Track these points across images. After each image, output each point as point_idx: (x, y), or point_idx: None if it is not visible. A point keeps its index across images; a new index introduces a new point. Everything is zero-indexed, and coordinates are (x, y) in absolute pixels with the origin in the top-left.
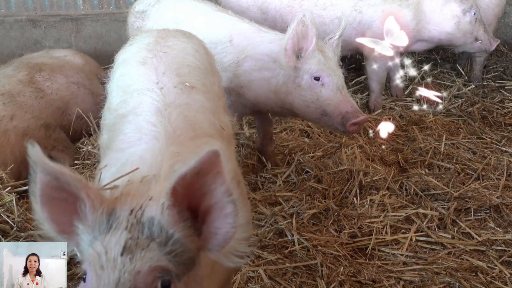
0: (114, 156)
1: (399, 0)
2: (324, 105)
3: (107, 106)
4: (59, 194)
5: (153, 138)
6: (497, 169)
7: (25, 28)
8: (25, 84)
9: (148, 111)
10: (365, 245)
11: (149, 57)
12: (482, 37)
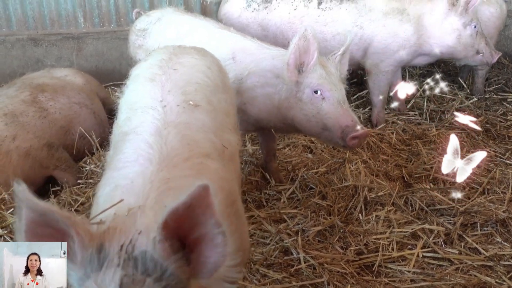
0: (110, 175)
1: (400, 15)
2: (324, 119)
3: (116, 121)
4: (45, 231)
5: (147, 160)
6: (502, 183)
7: (27, 47)
8: (29, 104)
9: (148, 131)
10: (371, 262)
11: (159, 74)
12: (484, 50)
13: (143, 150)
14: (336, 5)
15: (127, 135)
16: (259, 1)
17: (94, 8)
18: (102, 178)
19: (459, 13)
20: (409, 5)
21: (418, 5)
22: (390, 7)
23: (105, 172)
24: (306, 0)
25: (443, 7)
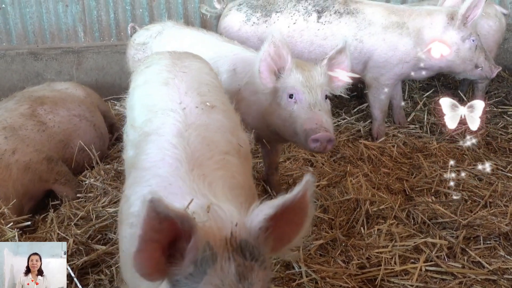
0: (138, 174)
1: (400, 29)
2: (294, 122)
3: (130, 123)
4: (158, 236)
5: (175, 160)
6: (505, 196)
7: (27, 61)
8: (27, 118)
9: (170, 133)
10: (374, 276)
11: (171, 77)
12: (483, 64)
13: (169, 151)
14: (335, 19)
15: (148, 135)
16: (258, 15)
17: (94, 22)
18: (129, 178)
19: (457, 27)
20: (408, 18)
21: (418, 18)
22: (389, 21)
23: (131, 172)
24: (305, 14)
25: (442, 21)
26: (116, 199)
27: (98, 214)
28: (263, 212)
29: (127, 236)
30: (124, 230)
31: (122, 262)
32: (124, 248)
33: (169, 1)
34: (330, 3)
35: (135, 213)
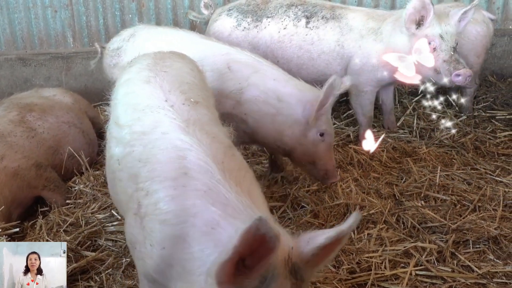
0: (156, 167)
1: (374, 35)
2: (316, 157)
3: (114, 120)
4: (246, 251)
5: (201, 161)
6: (493, 200)
7: (15, 67)
8: (16, 124)
9: (174, 130)
10: (364, 280)
11: (152, 76)
12: (440, 67)
13: (183, 146)
14: (322, 24)
15: (146, 134)
16: (249, 20)
17: (84, 28)
18: (140, 175)
19: (407, 30)
20: (383, 24)
21: (390, 23)
22: (366, 27)
23: (136, 167)
24: (295, 19)
25: (399, 25)
26: (106, 205)
27: (87, 221)
28: (317, 241)
29: (157, 231)
30: (152, 225)
31: (146, 255)
32: (154, 242)
33: (159, 6)
34: (319, 9)
35: (167, 209)
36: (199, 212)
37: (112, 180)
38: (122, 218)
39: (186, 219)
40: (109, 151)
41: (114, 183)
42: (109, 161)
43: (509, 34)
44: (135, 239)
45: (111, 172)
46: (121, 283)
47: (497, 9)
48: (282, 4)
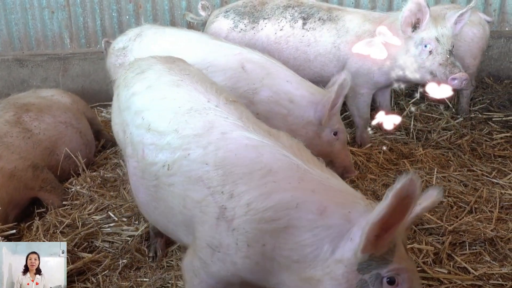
0: (233, 171)
1: (370, 37)
2: (333, 156)
3: (144, 128)
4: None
5: (275, 148)
6: (490, 202)
7: (12, 68)
8: (12, 125)
9: (232, 129)
10: None
11: (179, 79)
12: (437, 71)
13: (258, 145)
14: (319, 26)
15: (201, 136)
16: (246, 22)
17: (81, 29)
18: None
19: (403, 33)
20: (379, 25)
21: (386, 26)
22: (362, 29)
23: (214, 175)
24: (292, 21)
25: (395, 29)
26: (103, 206)
27: (84, 222)
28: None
29: (255, 230)
30: (247, 226)
31: (238, 257)
32: (252, 241)
33: (156, 8)
34: (316, 10)
35: (264, 207)
36: (301, 203)
37: (152, 187)
38: (119, 220)
39: (288, 212)
40: (144, 159)
41: (157, 189)
42: (147, 168)
43: (505, 36)
44: (219, 242)
45: (152, 179)
46: (118, 285)
47: (494, 11)
48: (279, 6)
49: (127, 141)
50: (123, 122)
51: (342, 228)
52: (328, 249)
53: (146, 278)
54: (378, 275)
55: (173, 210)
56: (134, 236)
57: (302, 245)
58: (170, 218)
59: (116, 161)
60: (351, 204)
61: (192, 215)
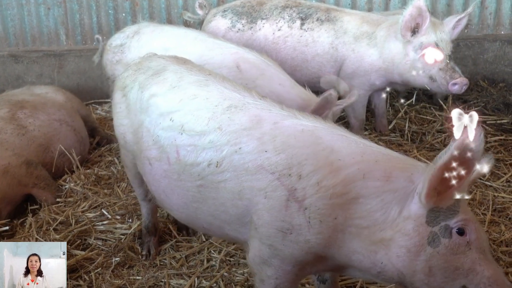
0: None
1: (368, 39)
2: None
3: (176, 128)
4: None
5: (330, 130)
6: (483, 204)
7: (7, 64)
8: (7, 121)
9: (283, 119)
10: (353, 283)
11: (204, 79)
12: (436, 76)
13: (314, 130)
14: (317, 26)
15: (251, 129)
16: (244, 22)
17: (77, 25)
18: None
19: (403, 38)
20: (377, 28)
21: (384, 28)
22: (360, 31)
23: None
24: (290, 21)
25: (393, 32)
26: (96, 204)
27: (77, 219)
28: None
29: (327, 206)
30: (319, 203)
31: (312, 234)
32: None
33: (152, 6)
34: (314, 11)
35: (334, 183)
36: (368, 173)
37: (195, 187)
38: (113, 217)
39: (355, 184)
40: (181, 161)
41: (202, 189)
42: (187, 169)
43: (501, 40)
44: (290, 224)
45: (194, 180)
46: (110, 283)
47: (490, 15)
48: (277, 6)
49: (146, 144)
50: (134, 124)
51: (407, 190)
52: (396, 210)
53: (139, 276)
54: (447, 226)
55: (223, 206)
56: (127, 234)
57: (371, 211)
58: (218, 215)
59: (110, 159)
60: (412, 167)
61: (249, 205)
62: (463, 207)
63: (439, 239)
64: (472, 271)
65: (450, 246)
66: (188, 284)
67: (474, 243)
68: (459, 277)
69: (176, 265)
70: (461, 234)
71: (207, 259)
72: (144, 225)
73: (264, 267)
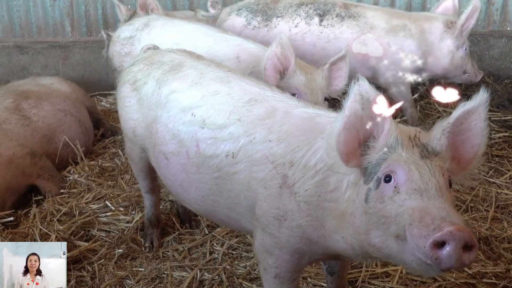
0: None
1: (403, 31)
2: None
3: (197, 123)
4: (358, 123)
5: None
6: (486, 201)
7: (12, 55)
8: (11, 112)
9: (293, 108)
10: (355, 278)
11: (225, 75)
12: (470, 70)
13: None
14: (338, 22)
15: (266, 119)
16: (259, 19)
17: (82, 17)
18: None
19: (456, 36)
20: (409, 21)
21: (418, 21)
22: (391, 24)
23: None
24: (307, 18)
25: (439, 28)
26: (100, 195)
27: (81, 211)
28: (443, 121)
29: (311, 186)
30: (305, 185)
31: (301, 217)
32: (309, 199)
33: None
34: (331, 7)
35: (316, 162)
36: None
37: (212, 180)
38: (116, 209)
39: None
40: (201, 154)
41: (219, 181)
42: (206, 162)
43: (507, 36)
44: (284, 211)
45: (212, 172)
46: (113, 274)
47: (496, 11)
48: (292, 4)
49: (162, 139)
50: (148, 119)
51: None
52: (346, 180)
53: (142, 268)
54: (378, 178)
55: (237, 198)
56: (130, 226)
57: (332, 183)
58: (233, 207)
59: (114, 151)
60: None
61: (255, 196)
62: (397, 152)
63: (371, 192)
64: (399, 215)
65: (376, 196)
66: (191, 277)
67: (404, 186)
68: (391, 226)
69: (179, 258)
70: (388, 181)
71: (210, 252)
72: (147, 217)
73: (267, 256)
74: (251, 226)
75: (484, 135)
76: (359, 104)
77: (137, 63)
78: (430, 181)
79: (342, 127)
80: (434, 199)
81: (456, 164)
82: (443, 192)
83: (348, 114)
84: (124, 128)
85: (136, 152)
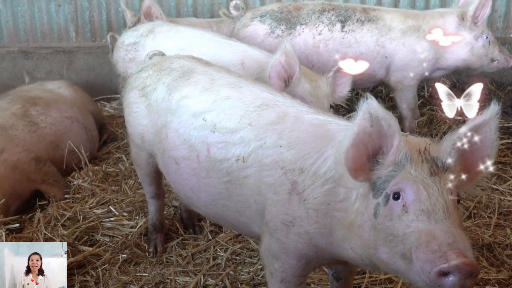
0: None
1: (417, 32)
2: None
3: (208, 127)
4: (367, 139)
5: (340, 122)
6: (489, 207)
7: (17, 60)
8: (19, 118)
9: (304, 114)
10: (358, 284)
11: (236, 81)
12: (498, 57)
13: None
14: (358, 27)
15: (277, 124)
16: (283, 28)
17: (86, 22)
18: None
19: (469, 27)
20: (423, 21)
21: (431, 20)
22: (407, 26)
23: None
24: (330, 25)
25: (454, 22)
26: (104, 200)
27: (85, 215)
28: (454, 134)
29: (321, 194)
30: (315, 192)
31: (310, 224)
32: (318, 206)
33: (162, 4)
34: (351, 12)
35: (326, 170)
36: None
37: (222, 184)
38: (120, 214)
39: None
40: (211, 158)
41: (229, 185)
42: (216, 166)
43: (510, 43)
44: (292, 217)
45: (222, 177)
46: (117, 279)
47: (499, 17)
48: (314, 11)
49: (173, 144)
50: (157, 125)
51: None
52: (355, 192)
53: (146, 273)
54: (386, 194)
55: (247, 203)
56: (134, 232)
57: (342, 193)
58: (243, 211)
59: (118, 156)
60: None
61: (265, 200)
62: (406, 169)
63: (380, 208)
64: (407, 235)
65: (384, 213)
66: (194, 282)
67: (412, 205)
68: (398, 245)
69: (182, 263)
70: (396, 198)
71: (213, 257)
72: (151, 223)
73: (273, 260)
74: (260, 230)
75: (494, 147)
76: (368, 122)
77: (145, 69)
78: (438, 202)
79: (351, 144)
80: (442, 222)
81: (464, 175)
82: (450, 213)
83: (357, 131)
84: (132, 134)
85: (143, 158)
